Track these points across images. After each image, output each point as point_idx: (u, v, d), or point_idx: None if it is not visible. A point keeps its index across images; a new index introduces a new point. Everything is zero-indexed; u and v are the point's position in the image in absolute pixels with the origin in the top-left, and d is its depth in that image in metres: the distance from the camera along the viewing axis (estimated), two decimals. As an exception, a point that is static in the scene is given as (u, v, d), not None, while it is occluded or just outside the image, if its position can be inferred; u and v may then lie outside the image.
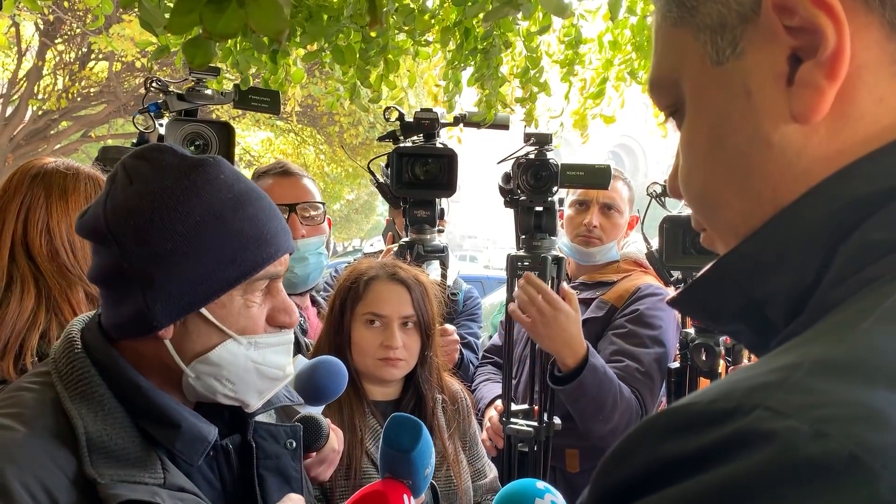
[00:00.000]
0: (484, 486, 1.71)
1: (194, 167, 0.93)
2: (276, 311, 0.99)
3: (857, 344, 0.37)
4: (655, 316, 2.08)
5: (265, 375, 0.98)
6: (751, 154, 0.50)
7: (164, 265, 0.89)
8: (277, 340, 0.99)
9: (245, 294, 0.95)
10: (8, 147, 10.11)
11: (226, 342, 0.94)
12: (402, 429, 1.19)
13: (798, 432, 0.33)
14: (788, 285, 0.48)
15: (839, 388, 0.35)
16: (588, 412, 1.87)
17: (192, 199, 0.90)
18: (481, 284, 7.08)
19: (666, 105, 0.58)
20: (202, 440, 0.94)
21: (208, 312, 0.92)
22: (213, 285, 0.91)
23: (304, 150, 13.19)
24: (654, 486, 0.36)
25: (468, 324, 2.69)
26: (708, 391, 0.38)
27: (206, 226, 0.90)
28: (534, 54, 2.38)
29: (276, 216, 0.98)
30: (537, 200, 1.87)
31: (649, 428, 0.40)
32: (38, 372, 0.94)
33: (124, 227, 0.89)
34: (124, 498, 0.82)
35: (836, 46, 0.45)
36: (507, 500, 1.18)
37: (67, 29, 9.55)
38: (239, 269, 0.92)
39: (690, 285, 0.56)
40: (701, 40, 0.52)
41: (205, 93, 1.68)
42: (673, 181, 0.60)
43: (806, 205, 0.48)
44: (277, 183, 1.90)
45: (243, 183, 0.97)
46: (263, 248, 0.93)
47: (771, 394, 0.35)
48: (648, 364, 2.00)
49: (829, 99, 0.46)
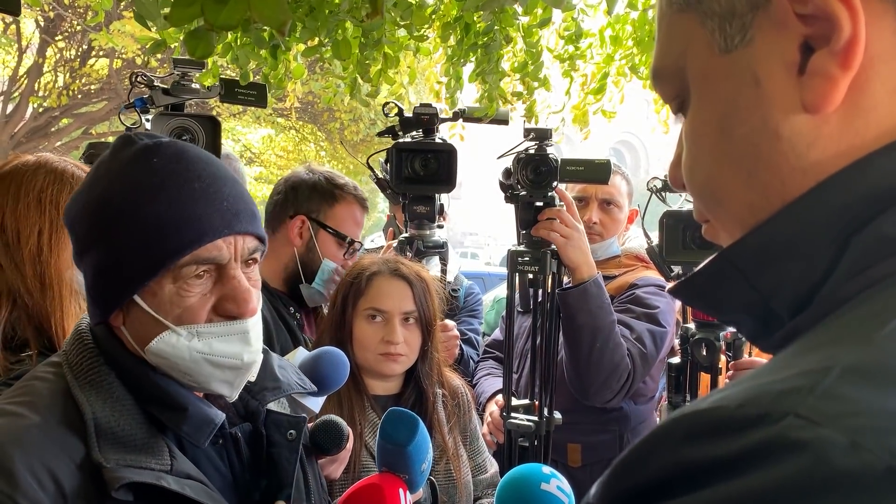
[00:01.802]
0: (484, 480, 1.72)
1: (132, 154, 0.91)
2: (224, 300, 0.93)
3: (886, 348, 0.36)
4: (651, 299, 2.13)
5: (220, 365, 0.93)
6: (759, 145, 0.49)
7: (93, 254, 0.90)
8: (224, 330, 0.93)
9: (176, 282, 0.90)
10: (9, 144, 10.11)
11: (163, 333, 0.90)
12: (399, 423, 1.19)
13: (832, 443, 0.31)
14: (796, 278, 0.47)
15: (872, 396, 0.33)
16: (584, 332, 1.93)
17: (115, 186, 0.89)
18: (482, 281, 7.08)
19: (671, 96, 0.57)
20: (209, 422, 0.94)
21: (141, 300, 0.90)
22: (134, 274, 0.88)
23: (304, 146, 13.18)
24: (677, 491, 0.35)
25: (469, 320, 2.69)
26: (733, 394, 0.37)
27: (121, 214, 0.88)
28: (533, 49, 2.37)
29: (211, 199, 0.90)
30: (537, 195, 1.87)
31: (670, 430, 0.38)
32: (50, 362, 0.97)
33: (69, 215, 0.94)
34: (127, 480, 0.83)
35: (851, 35, 0.44)
36: (513, 484, 1.18)
37: (68, 26, 9.55)
38: (154, 256, 0.88)
39: (693, 275, 0.55)
40: (708, 27, 0.51)
41: (191, 87, 1.66)
42: (675, 171, 0.59)
43: (817, 197, 0.47)
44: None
45: (181, 166, 0.91)
46: (182, 232, 0.88)
47: (802, 400, 0.34)
48: (641, 332, 2.05)
49: (843, 89, 0.45)
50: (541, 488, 1.15)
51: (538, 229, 1.88)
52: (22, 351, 1.24)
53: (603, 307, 1.95)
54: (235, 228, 0.92)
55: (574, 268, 1.93)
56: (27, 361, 1.20)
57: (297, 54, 2.40)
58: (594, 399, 2.01)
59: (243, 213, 0.94)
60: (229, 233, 0.91)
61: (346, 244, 1.98)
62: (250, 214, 0.95)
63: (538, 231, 1.88)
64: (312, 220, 1.96)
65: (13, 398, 0.90)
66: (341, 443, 1.25)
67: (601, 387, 1.97)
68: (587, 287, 1.91)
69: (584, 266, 1.93)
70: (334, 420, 1.26)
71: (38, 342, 1.24)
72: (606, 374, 1.95)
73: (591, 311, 1.92)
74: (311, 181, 2.00)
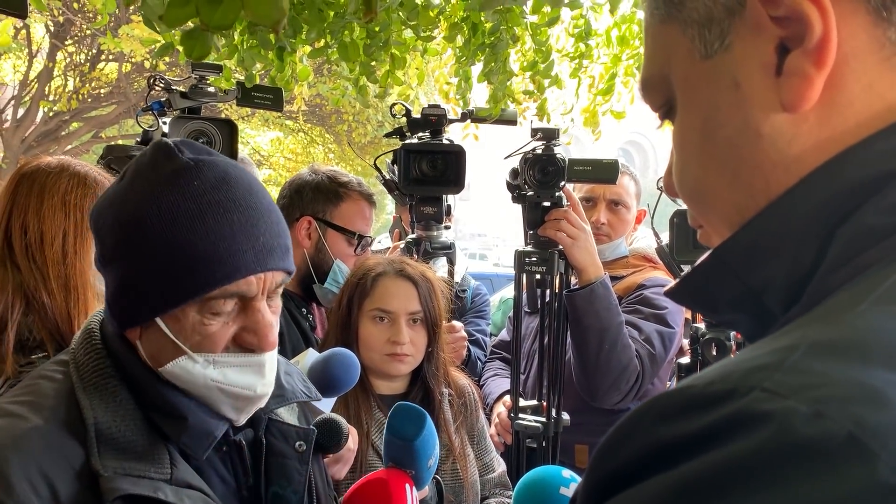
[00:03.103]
0: (492, 480, 1.71)
1: (171, 173, 0.88)
2: (245, 332, 0.92)
3: (854, 325, 0.37)
4: (660, 299, 2.11)
5: (232, 395, 0.92)
6: (741, 146, 0.50)
7: (120, 266, 0.88)
8: (241, 361, 0.92)
9: (201, 312, 0.88)
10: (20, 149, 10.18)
11: (179, 358, 0.89)
12: (407, 418, 1.19)
13: (796, 413, 0.32)
14: (786, 272, 0.48)
15: (837, 369, 0.34)
16: (592, 334, 1.92)
17: (152, 207, 0.86)
18: (490, 282, 7.07)
19: (658, 104, 0.58)
20: (208, 434, 0.93)
21: (162, 323, 0.89)
22: (161, 300, 0.87)
23: (313, 149, 13.21)
24: (652, 470, 0.36)
25: (476, 321, 2.68)
26: (704, 374, 0.38)
27: (155, 239, 0.85)
28: (543, 47, 2.36)
29: (249, 233, 0.88)
30: (544, 195, 1.87)
31: (645, 412, 0.39)
32: (59, 360, 0.96)
33: (97, 223, 0.91)
34: (124, 492, 0.82)
35: (823, 34, 0.45)
36: (532, 487, 1.18)
37: (77, 30, 9.61)
38: (186, 288, 0.86)
39: (687, 276, 0.56)
40: (689, 35, 0.52)
41: (208, 90, 1.68)
42: (668, 179, 0.60)
43: (801, 192, 0.48)
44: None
45: (221, 193, 0.88)
46: (217, 267, 0.85)
47: (768, 375, 0.35)
48: (650, 333, 2.04)
49: (818, 87, 0.46)
50: (560, 492, 1.14)
51: (545, 230, 1.87)
52: (33, 353, 1.24)
53: (610, 309, 1.93)
54: (268, 266, 0.90)
55: (581, 269, 1.92)
56: (38, 363, 1.20)
57: (302, 56, 2.40)
58: (602, 401, 2.00)
59: (277, 249, 0.91)
60: (262, 270, 0.89)
61: (355, 240, 1.98)
62: (284, 250, 0.93)
63: (545, 231, 1.87)
64: (319, 220, 1.96)
65: (18, 397, 0.89)
66: (340, 440, 1.24)
67: (610, 388, 1.96)
68: (594, 288, 1.90)
69: (591, 267, 1.93)
70: (334, 418, 1.25)
71: (53, 344, 1.24)
72: (615, 375, 1.94)
73: (599, 312, 1.91)
74: (315, 182, 2.00)
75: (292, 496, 1.03)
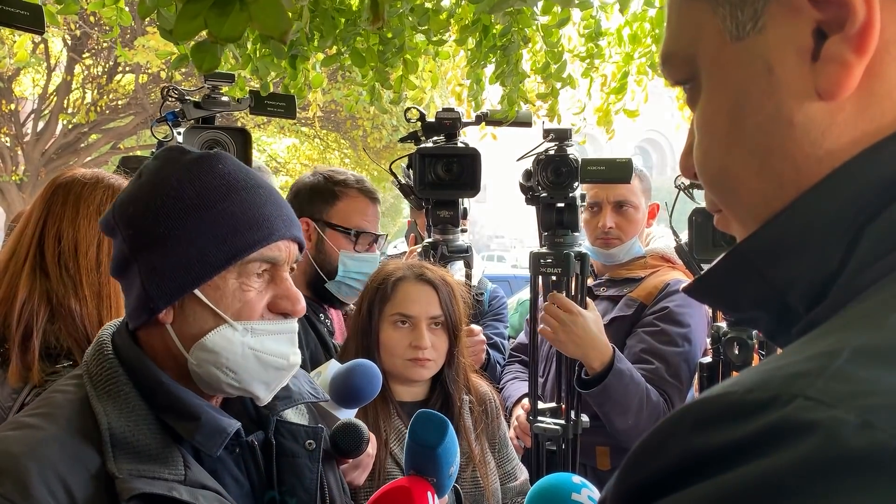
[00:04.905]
0: (514, 489, 1.70)
1: (194, 159, 0.97)
2: (277, 298, 0.98)
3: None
4: (685, 313, 2.05)
5: (267, 364, 0.97)
6: (772, 133, 0.48)
7: (157, 248, 0.93)
8: (277, 328, 0.98)
9: (240, 277, 0.95)
10: (40, 161, 10.32)
11: (220, 327, 0.94)
12: (429, 424, 1.19)
13: (843, 423, 0.31)
14: (812, 270, 0.46)
15: (885, 377, 0.33)
16: (614, 414, 1.87)
17: (185, 185, 0.94)
18: (508, 284, 7.06)
19: (678, 80, 0.56)
20: (222, 432, 0.95)
21: (202, 294, 0.93)
22: (205, 266, 0.93)
23: (328, 155, 13.28)
24: (688, 480, 0.35)
25: (494, 324, 2.67)
26: (741, 380, 0.37)
27: (196, 209, 0.93)
28: (554, 49, 2.35)
29: (275, 204, 0.99)
30: (558, 197, 1.85)
31: (680, 420, 0.38)
32: (72, 375, 0.99)
33: (124, 216, 0.96)
34: (139, 491, 0.83)
35: (866, 20, 0.43)
36: (544, 494, 1.17)
37: (94, 43, 9.72)
38: (229, 249, 0.93)
39: (707, 273, 0.54)
40: (720, 14, 0.50)
41: (221, 100, 1.70)
42: (686, 160, 0.58)
43: (831, 186, 0.46)
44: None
45: (243, 173, 0.98)
46: (255, 230, 0.94)
47: (811, 382, 0.33)
48: (677, 365, 1.98)
49: (857, 75, 0.44)
50: (572, 498, 1.14)
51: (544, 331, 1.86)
52: (58, 361, 1.26)
53: (628, 391, 1.85)
54: (293, 234, 1.00)
55: (581, 360, 1.86)
56: (64, 372, 1.21)
57: (315, 63, 2.41)
58: (634, 441, 1.95)
59: (295, 222, 1.02)
60: (289, 236, 0.99)
61: (353, 237, 1.96)
62: (298, 224, 1.04)
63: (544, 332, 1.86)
64: (317, 221, 1.97)
65: (33, 411, 0.92)
66: (360, 445, 1.24)
67: (638, 434, 1.89)
68: (607, 386, 1.82)
69: (591, 353, 1.83)
70: (354, 423, 1.25)
71: (80, 353, 1.25)
72: (644, 427, 1.86)
73: (617, 401, 1.85)
74: (312, 183, 2.01)
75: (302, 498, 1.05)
